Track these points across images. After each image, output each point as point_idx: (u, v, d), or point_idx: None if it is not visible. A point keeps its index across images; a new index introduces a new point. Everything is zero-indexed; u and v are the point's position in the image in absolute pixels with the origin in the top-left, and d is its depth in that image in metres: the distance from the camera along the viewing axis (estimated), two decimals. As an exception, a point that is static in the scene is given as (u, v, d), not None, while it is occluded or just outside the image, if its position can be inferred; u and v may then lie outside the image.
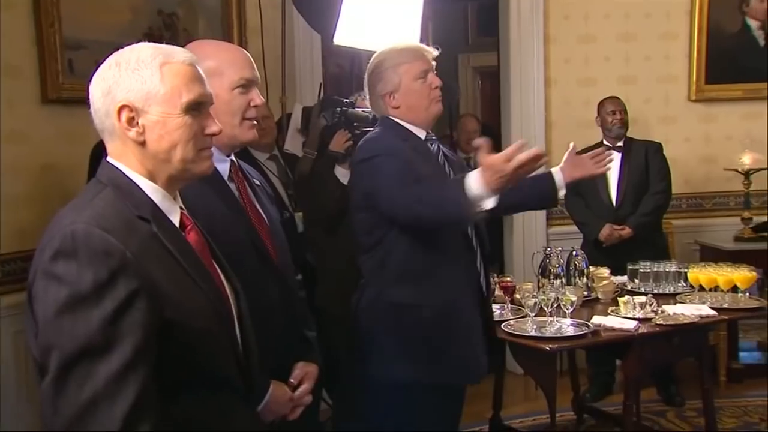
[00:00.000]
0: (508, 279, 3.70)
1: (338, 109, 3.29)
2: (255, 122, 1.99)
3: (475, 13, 8.36)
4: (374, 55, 2.70)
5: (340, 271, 3.16)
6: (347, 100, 3.34)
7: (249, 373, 1.63)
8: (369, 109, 2.99)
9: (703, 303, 3.50)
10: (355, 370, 2.65)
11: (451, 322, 2.56)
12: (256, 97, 1.97)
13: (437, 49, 2.70)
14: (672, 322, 3.30)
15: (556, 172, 2.90)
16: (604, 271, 3.76)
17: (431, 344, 2.54)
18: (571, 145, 2.97)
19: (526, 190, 2.88)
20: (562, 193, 2.93)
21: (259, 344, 1.68)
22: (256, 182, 2.13)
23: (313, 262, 3.42)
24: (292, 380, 2.00)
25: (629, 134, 4.74)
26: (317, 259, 3.46)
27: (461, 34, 8.45)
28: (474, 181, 2.19)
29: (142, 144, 1.49)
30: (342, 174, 3.26)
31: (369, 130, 2.85)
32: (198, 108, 1.52)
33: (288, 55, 4.28)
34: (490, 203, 2.22)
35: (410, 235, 2.50)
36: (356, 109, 3.28)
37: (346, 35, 3.46)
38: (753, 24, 5.37)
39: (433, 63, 2.66)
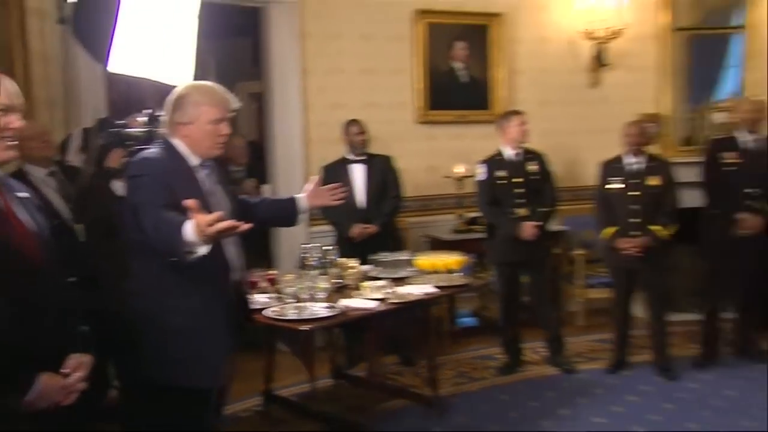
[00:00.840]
0: (273, 272, 3.70)
1: (113, 129, 3.10)
2: (11, 142, 1.85)
3: (249, 47, 8.33)
4: (186, 85, 2.57)
5: (117, 276, 2.96)
6: (121, 122, 3.14)
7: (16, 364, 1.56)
8: (141, 130, 2.83)
9: (428, 283, 3.66)
10: (121, 369, 2.51)
11: (198, 332, 2.43)
12: (15, 120, 1.84)
13: (240, 102, 2.62)
14: (404, 300, 3.43)
15: (300, 198, 2.94)
16: (352, 262, 3.83)
17: (176, 350, 2.41)
18: (314, 178, 3.05)
19: (274, 211, 2.96)
20: (303, 216, 2.98)
21: (26, 339, 1.61)
22: (23, 195, 1.97)
23: (94, 266, 3.19)
24: (65, 370, 1.86)
25: (371, 149, 4.85)
26: (98, 263, 3.22)
27: (239, 65, 8.39)
28: (189, 230, 2.12)
29: None
30: (118, 187, 3.06)
31: (143, 148, 2.69)
32: None
33: (74, 80, 3.97)
34: (203, 250, 2.15)
35: None
36: (129, 129, 3.10)
37: (119, 63, 3.23)
38: (458, 65, 5.72)
39: (231, 114, 2.55)
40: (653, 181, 4.37)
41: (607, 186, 4.46)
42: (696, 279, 5.08)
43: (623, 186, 4.39)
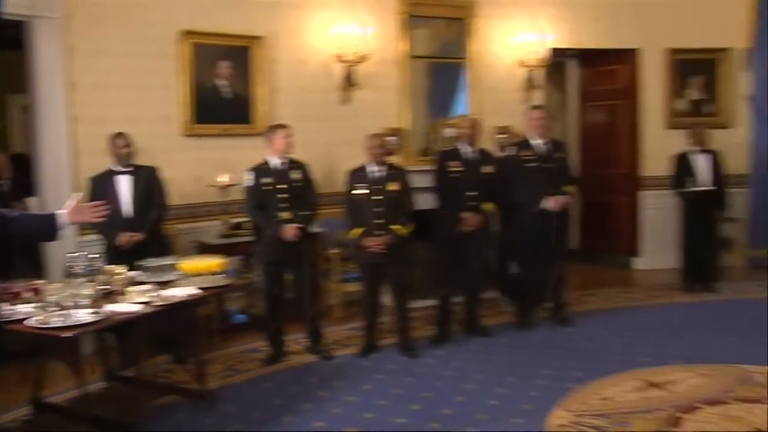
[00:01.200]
0: (37, 282, 3.64)
1: None
2: None
3: (22, 60, 7.78)
4: None
5: None
6: None
7: None
8: None
9: (192, 285, 3.81)
10: None
11: None
12: None
13: None
14: (168, 302, 3.56)
15: (61, 214, 2.95)
16: (119, 269, 3.87)
17: None
18: (76, 195, 3.09)
19: (33, 227, 2.94)
20: (62, 233, 2.99)
21: None
22: None
23: None
24: None
25: (138, 161, 4.85)
26: None
27: (12, 76, 7.79)
28: None
29: None
30: None
31: None
32: None
33: None
34: None
35: None
36: None
37: None
38: (222, 83, 5.89)
39: None
40: (393, 186, 4.87)
41: (354, 191, 4.90)
42: (431, 270, 5.73)
43: (368, 191, 4.84)
